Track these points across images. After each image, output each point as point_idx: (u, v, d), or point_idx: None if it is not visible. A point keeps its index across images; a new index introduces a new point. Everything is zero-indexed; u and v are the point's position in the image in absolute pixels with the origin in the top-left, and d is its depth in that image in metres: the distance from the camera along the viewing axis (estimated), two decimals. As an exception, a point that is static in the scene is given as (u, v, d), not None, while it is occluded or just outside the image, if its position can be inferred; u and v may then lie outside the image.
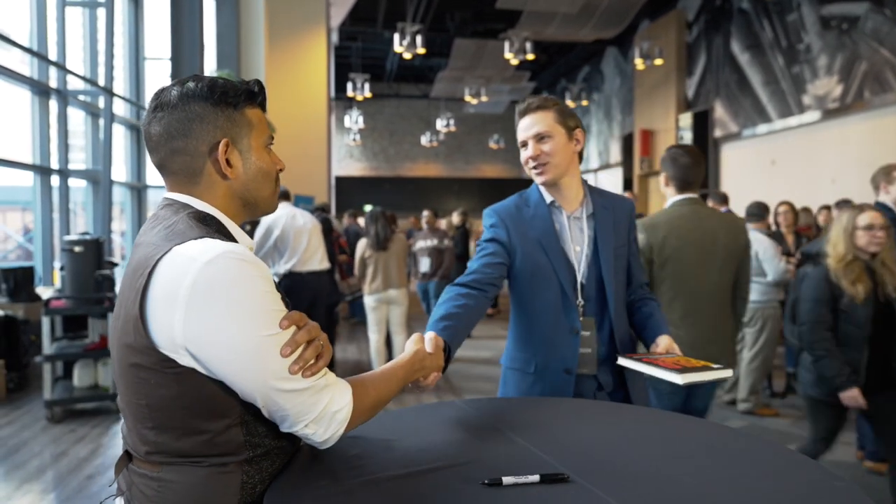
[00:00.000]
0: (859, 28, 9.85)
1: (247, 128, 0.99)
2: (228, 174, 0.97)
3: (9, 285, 5.15)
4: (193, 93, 0.96)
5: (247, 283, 0.86)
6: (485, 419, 1.20)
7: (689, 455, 1.04)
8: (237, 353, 0.85)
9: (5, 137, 6.53)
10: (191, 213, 0.94)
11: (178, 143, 0.96)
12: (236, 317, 0.84)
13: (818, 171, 10.75)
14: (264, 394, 0.87)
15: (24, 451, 3.51)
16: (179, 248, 0.87)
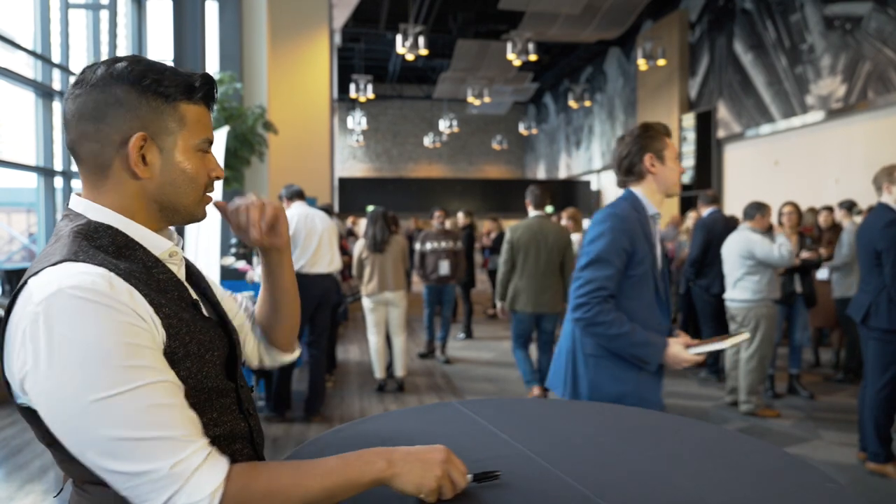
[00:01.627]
0: (863, 28, 9.82)
1: (176, 124, 0.86)
2: (140, 173, 0.84)
3: (11, 286, 5.17)
4: (120, 74, 0.83)
5: (83, 329, 0.71)
6: (478, 418, 1.20)
7: (678, 454, 1.04)
8: (58, 412, 0.72)
9: (9, 139, 6.57)
10: (80, 226, 0.82)
11: (88, 127, 0.83)
12: (70, 374, 0.71)
13: (822, 172, 10.72)
14: (103, 469, 0.72)
15: (27, 452, 3.53)
16: (32, 281, 0.76)
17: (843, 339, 5.29)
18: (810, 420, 4.14)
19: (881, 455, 3.12)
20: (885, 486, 3.04)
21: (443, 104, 22.47)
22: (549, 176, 24.34)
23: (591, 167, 20.65)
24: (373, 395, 4.82)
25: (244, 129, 6.97)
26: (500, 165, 26.58)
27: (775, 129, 11.82)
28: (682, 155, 14.47)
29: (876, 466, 3.15)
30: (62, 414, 0.72)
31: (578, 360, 1.90)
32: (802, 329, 4.64)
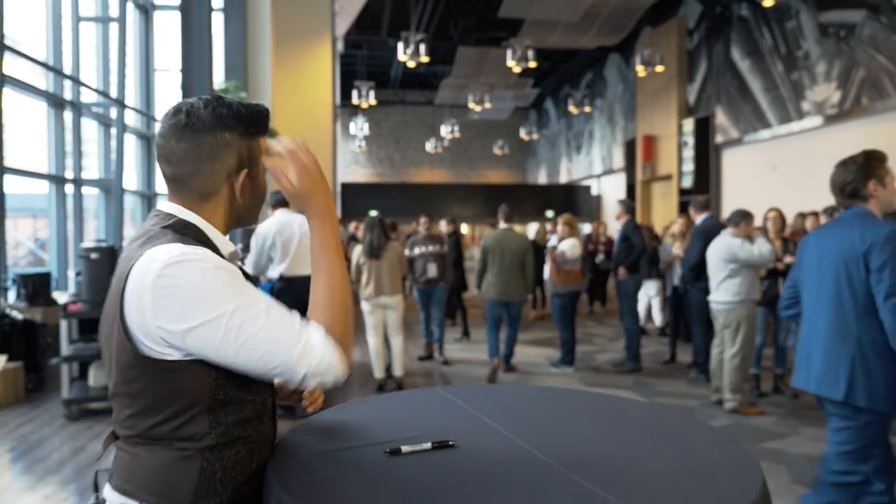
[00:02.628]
0: (856, 35, 9.99)
1: (259, 156, 1.08)
2: (240, 199, 1.07)
3: (27, 290, 5.38)
4: (225, 121, 1.03)
5: (203, 275, 0.94)
6: (453, 398, 1.38)
7: (615, 425, 1.23)
8: (223, 339, 0.93)
9: (23, 148, 6.78)
10: (171, 223, 1.03)
11: (205, 166, 1.03)
12: (201, 304, 0.93)
13: (818, 177, 10.81)
14: (259, 366, 0.96)
15: (45, 446, 3.72)
16: (149, 251, 0.97)
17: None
18: (792, 417, 4.31)
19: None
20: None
21: (444, 109, 22.67)
22: (550, 181, 24.51)
23: (591, 172, 20.83)
24: (373, 395, 5.00)
25: (249, 138, 7.15)
26: (501, 170, 26.77)
27: (772, 134, 11.98)
28: (682, 160, 14.64)
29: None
30: (218, 336, 0.93)
31: (871, 364, 2.11)
32: (786, 331, 4.81)
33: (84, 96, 7.50)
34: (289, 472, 1.03)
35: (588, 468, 1.02)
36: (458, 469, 1.04)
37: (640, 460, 1.07)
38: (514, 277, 5.50)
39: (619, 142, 18.57)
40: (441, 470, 1.04)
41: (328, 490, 0.98)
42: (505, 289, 5.49)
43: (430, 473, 1.03)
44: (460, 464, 1.06)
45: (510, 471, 1.03)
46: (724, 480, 0.99)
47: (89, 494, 3.03)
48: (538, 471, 1.02)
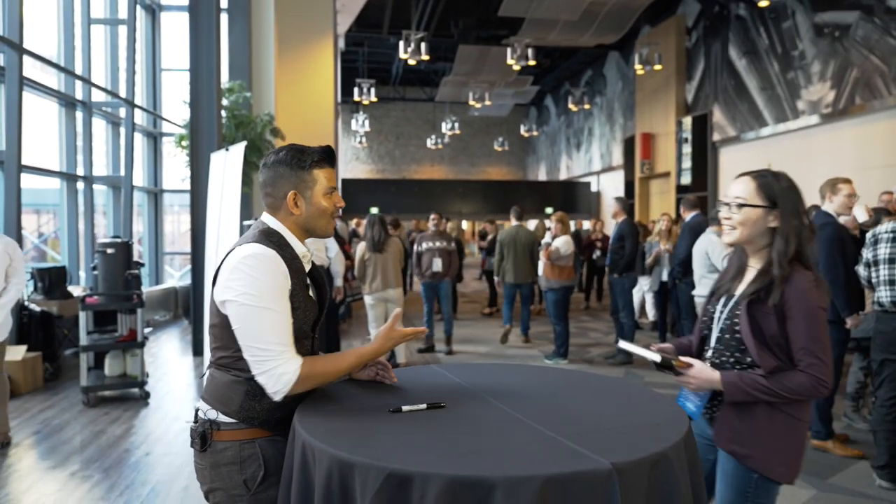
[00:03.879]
0: (850, 35, 10.15)
1: (311, 182, 1.51)
2: (294, 212, 1.51)
3: (44, 284, 5.60)
4: (281, 160, 1.50)
5: (256, 273, 1.39)
6: (448, 374, 1.61)
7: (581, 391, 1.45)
8: (237, 314, 1.39)
9: (36, 146, 6.99)
10: (262, 229, 1.51)
11: (269, 190, 1.53)
12: (243, 292, 1.38)
13: (813, 175, 10.92)
14: (244, 344, 1.39)
15: (67, 430, 3.95)
16: (240, 247, 1.46)
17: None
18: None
19: (822, 433, 3.51)
20: (823, 459, 3.43)
21: (445, 106, 22.80)
22: (550, 177, 24.65)
23: (590, 169, 20.99)
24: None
25: (253, 136, 7.36)
26: (501, 167, 26.93)
27: (768, 132, 12.15)
28: (681, 158, 14.83)
29: (818, 443, 3.54)
30: (237, 310, 1.39)
31: None
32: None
33: (94, 96, 7.69)
34: (311, 422, 1.28)
35: (552, 422, 1.25)
36: (447, 424, 1.29)
37: (595, 417, 1.30)
38: (525, 264, 6.68)
39: (618, 139, 18.73)
40: (434, 424, 1.28)
41: (343, 434, 1.21)
42: (517, 273, 6.65)
43: (424, 426, 1.26)
44: (449, 420, 1.30)
45: (489, 425, 1.26)
46: (659, 429, 1.23)
47: (113, 472, 3.27)
48: (512, 425, 1.25)
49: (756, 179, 1.67)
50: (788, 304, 1.56)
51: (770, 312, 1.56)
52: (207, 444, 1.45)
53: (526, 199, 21.58)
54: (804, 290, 1.56)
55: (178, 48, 9.61)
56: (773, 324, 1.56)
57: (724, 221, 1.68)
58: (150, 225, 9.42)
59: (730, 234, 1.68)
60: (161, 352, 6.59)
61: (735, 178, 1.73)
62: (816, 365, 1.53)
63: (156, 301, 8.36)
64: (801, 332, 1.55)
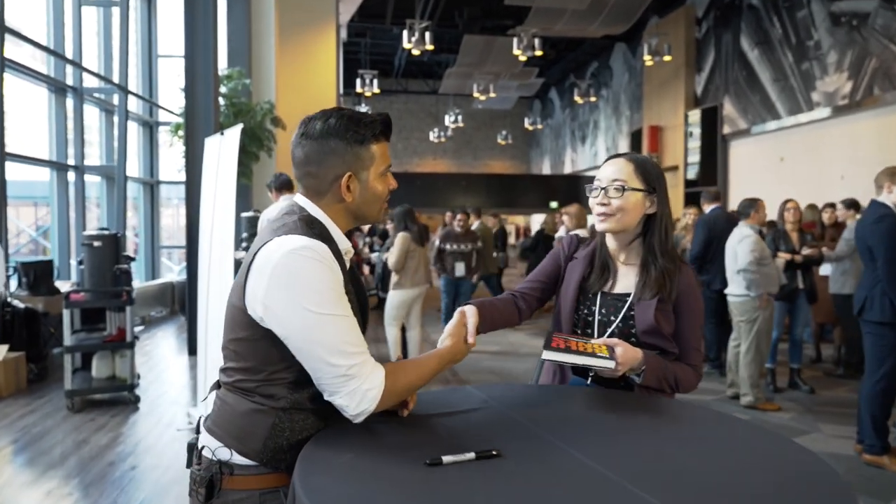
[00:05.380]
0: (869, 24, 9.82)
1: (369, 161, 1.19)
2: (346, 198, 1.20)
3: (29, 279, 5.29)
4: (333, 130, 1.17)
5: (313, 272, 1.09)
6: (496, 404, 1.29)
7: (689, 438, 1.13)
8: (300, 327, 1.08)
9: (24, 134, 6.67)
10: (303, 217, 1.18)
11: (313, 169, 1.19)
12: (302, 297, 1.07)
13: (827, 168, 10.73)
14: (314, 362, 1.09)
15: (48, 439, 3.64)
16: (278, 239, 1.12)
17: (843, 335, 5.36)
18: (810, 413, 4.22)
19: (877, 446, 3.20)
20: (880, 477, 3.12)
21: (448, 99, 22.48)
22: (554, 171, 24.35)
23: (596, 163, 20.66)
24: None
25: (253, 125, 7.04)
26: (504, 160, 26.60)
27: (781, 125, 11.82)
28: (689, 151, 14.50)
29: (872, 458, 3.22)
30: (304, 324, 1.08)
31: None
32: (803, 325, 4.71)
33: (86, 82, 7.37)
34: (318, 488, 0.93)
35: (656, 484, 0.92)
36: (508, 484, 0.94)
37: (715, 476, 0.97)
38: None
39: (625, 132, 18.42)
40: (490, 485, 0.94)
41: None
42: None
43: (477, 487, 0.93)
44: (510, 477, 0.96)
45: (567, 487, 0.93)
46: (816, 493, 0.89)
47: (94, 490, 2.93)
48: (599, 486, 0.92)
49: (633, 161, 1.53)
50: (681, 300, 1.49)
51: (668, 310, 1.47)
52: (216, 493, 1.12)
53: (530, 193, 21.28)
54: (693, 285, 1.52)
55: (175, 34, 9.30)
56: (670, 321, 1.47)
57: (598, 208, 1.50)
58: (145, 217, 9.12)
59: (606, 222, 1.49)
60: (155, 350, 6.29)
61: (606, 161, 1.57)
62: (700, 364, 1.53)
63: (151, 297, 8.06)
64: (692, 330, 1.50)
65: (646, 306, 1.46)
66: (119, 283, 4.58)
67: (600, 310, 1.52)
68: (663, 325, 1.45)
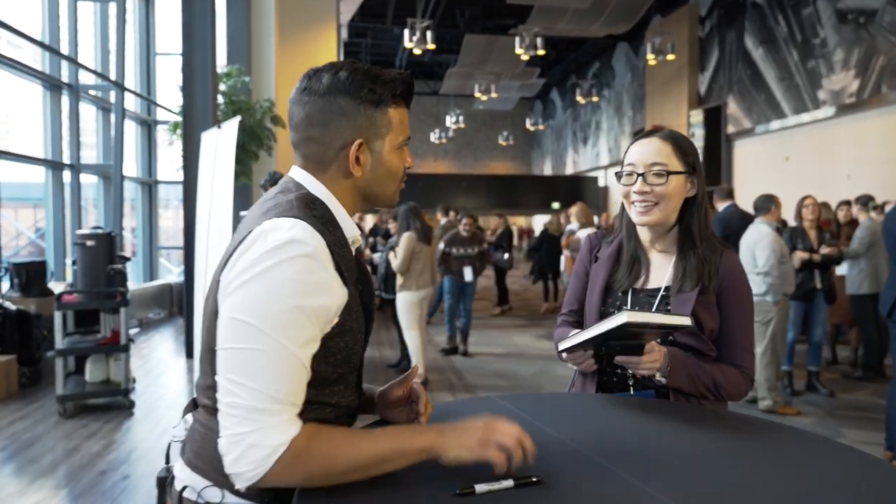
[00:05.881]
0: (877, 21, 9.69)
1: (385, 128, 0.98)
2: (355, 172, 0.97)
3: (21, 280, 5.13)
4: (343, 86, 0.95)
5: (290, 277, 0.84)
6: (527, 416, 1.13)
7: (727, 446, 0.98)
8: (231, 337, 0.84)
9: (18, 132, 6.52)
10: (301, 195, 0.95)
11: (315, 132, 0.96)
12: (257, 306, 0.84)
13: (833, 167, 10.59)
14: (224, 380, 0.84)
15: (37, 447, 3.49)
16: (268, 223, 0.89)
17: (860, 336, 5.21)
18: (832, 418, 4.07)
19: (906, 451, 3.05)
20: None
21: (449, 100, 22.36)
22: (556, 172, 24.23)
23: (598, 163, 20.53)
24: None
25: (252, 123, 6.91)
26: (505, 161, 26.47)
27: (786, 124, 11.69)
28: (691, 151, 14.36)
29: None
30: (237, 333, 0.84)
31: None
32: (821, 325, 4.56)
33: (82, 79, 7.23)
34: None
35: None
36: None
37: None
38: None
39: (627, 133, 18.31)
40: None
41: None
42: None
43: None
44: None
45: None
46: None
47: (83, 501, 2.76)
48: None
49: (670, 140, 1.34)
50: (726, 290, 1.31)
51: (710, 303, 1.30)
52: None
53: (531, 194, 21.14)
54: (740, 271, 1.34)
55: (173, 32, 9.17)
56: (713, 315, 1.30)
57: (637, 197, 1.32)
58: (143, 217, 8.97)
59: (649, 214, 1.32)
60: (153, 353, 6.14)
61: (636, 141, 1.37)
62: (751, 367, 1.33)
63: (149, 298, 7.91)
64: (741, 325, 1.32)
65: (684, 299, 1.29)
66: (113, 284, 4.43)
67: (632, 308, 1.35)
68: (705, 320, 1.29)
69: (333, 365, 0.93)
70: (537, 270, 9.07)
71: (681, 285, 1.31)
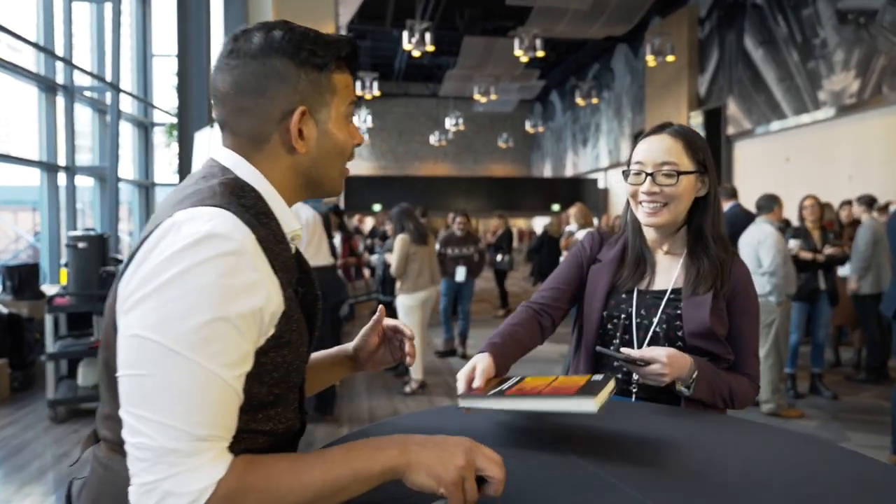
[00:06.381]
0: (877, 21, 9.64)
1: (329, 95, 0.83)
2: (298, 147, 0.81)
3: (13, 283, 5.07)
4: (278, 45, 0.80)
5: (205, 281, 0.68)
6: (512, 420, 1.07)
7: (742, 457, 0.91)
8: (136, 360, 0.68)
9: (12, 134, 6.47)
10: (227, 180, 0.79)
11: (248, 102, 0.80)
12: (163, 319, 0.67)
13: (834, 168, 10.54)
14: (129, 416, 0.68)
15: (26, 452, 3.42)
16: (180, 213, 0.72)
17: (863, 337, 5.14)
18: (836, 421, 4.00)
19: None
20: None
21: (449, 102, 22.35)
22: (556, 174, 24.20)
23: (598, 165, 20.49)
24: (381, 395, 4.70)
25: (249, 124, 6.86)
26: (505, 164, 26.44)
27: (786, 125, 11.65)
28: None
29: (908, 467, 3.01)
30: (140, 354, 0.68)
31: None
32: (824, 327, 4.50)
33: (77, 80, 7.18)
34: None
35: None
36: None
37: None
38: None
39: (627, 134, 18.27)
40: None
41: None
42: None
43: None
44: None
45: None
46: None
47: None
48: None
49: (681, 137, 1.27)
50: (737, 296, 1.26)
51: (721, 308, 1.25)
52: None
53: (531, 196, 21.11)
54: (749, 279, 1.29)
55: (170, 34, 9.13)
56: (724, 321, 1.25)
57: (645, 197, 1.26)
58: (140, 220, 8.92)
59: (657, 216, 1.25)
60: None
61: (645, 137, 1.31)
62: (758, 374, 1.29)
63: (145, 301, 7.85)
64: (750, 332, 1.27)
65: (697, 303, 1.24)
66: (106, 287, 4.37)
67: (638, 311, 1.29)
68: (715, 326, 1.22)
69: (269, 385, 0.76)
70: (537, 272, 9.01)
71: (694, 288, 1.25)
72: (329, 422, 4.02)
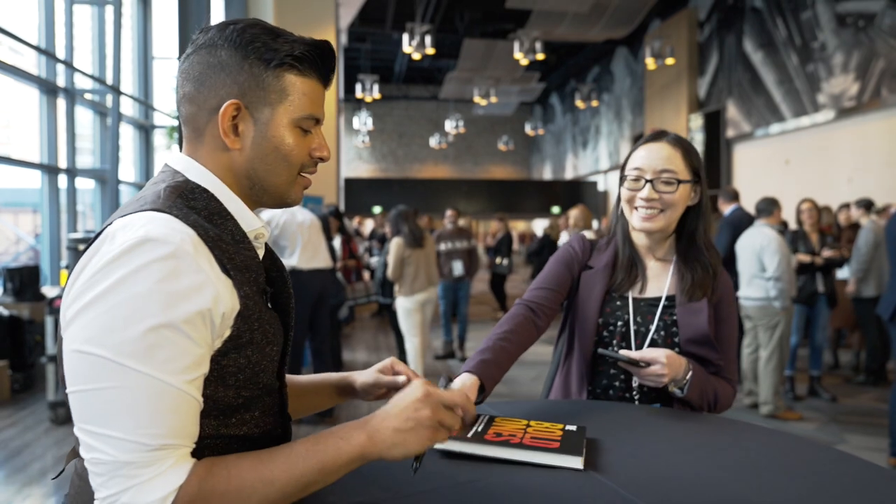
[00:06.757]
0: (876, 25, 9.67)
1: (277, 95, 0.79)
2: (229, 143, 0.78)
3: (14, 285, 5.08)
4: (230, 37, 0.78)
5: (146, 287, 0.66)
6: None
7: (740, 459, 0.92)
8: (90, 371, 0.66)
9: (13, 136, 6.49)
10: (176, 183, 0.77)
11: (189, 89, 0.79)
12: (106, 331, 0.66)
13: (833, 171, 10.56)
14: (81, 432, 0.68)
15: (27, 454, 3.43)
16: (119, 220, 0.71)
17: (862, 340, 5.15)
18: (834, 423, 4.01)
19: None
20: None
21: (449, 105, 22.38)
22: (556, 177, 24.22)
23: (597, 168, 20.51)
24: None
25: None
26: (505, 166, 26.46)
27: (786, 128, 11.67)
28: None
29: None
30: (86, 368, 0.66)
31: None
32: (823, 330, 4.51)
33: (78, 83, 7.21)
34: None
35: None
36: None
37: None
38: None
39: (627, 137, 18.30)
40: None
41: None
42: None
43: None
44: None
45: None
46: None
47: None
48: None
49: (679, 146, 1.30)
50: (722, 304, 1.31)
51: (711, 314, 1.29)
52: None
53: (531, 198, 21.13)
54: (731, 288, 1.35)
55: (171, 36, 9.16)
56: (712, 326, 1.28)
57: (642, 202, 1.28)
58: (140, 223, 8.94)
59: (653, 221, 1.27)
60: (148, 359, 6.08)
61: (643, 145, 1.33)
62: (736, 379, 1.33)
63: (145, 303, 7.86)
64: (732, 339, 1.32)
65: (693, 310, 1.27)
66: (107, 289, 4.38)
67: (635, 317, 1.30)
68: (713, 333, 1.26)
69: (235, 387, 0.75)
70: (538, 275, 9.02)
71: (690, 296, 1.27)
72: (328, 423, 4.03)
